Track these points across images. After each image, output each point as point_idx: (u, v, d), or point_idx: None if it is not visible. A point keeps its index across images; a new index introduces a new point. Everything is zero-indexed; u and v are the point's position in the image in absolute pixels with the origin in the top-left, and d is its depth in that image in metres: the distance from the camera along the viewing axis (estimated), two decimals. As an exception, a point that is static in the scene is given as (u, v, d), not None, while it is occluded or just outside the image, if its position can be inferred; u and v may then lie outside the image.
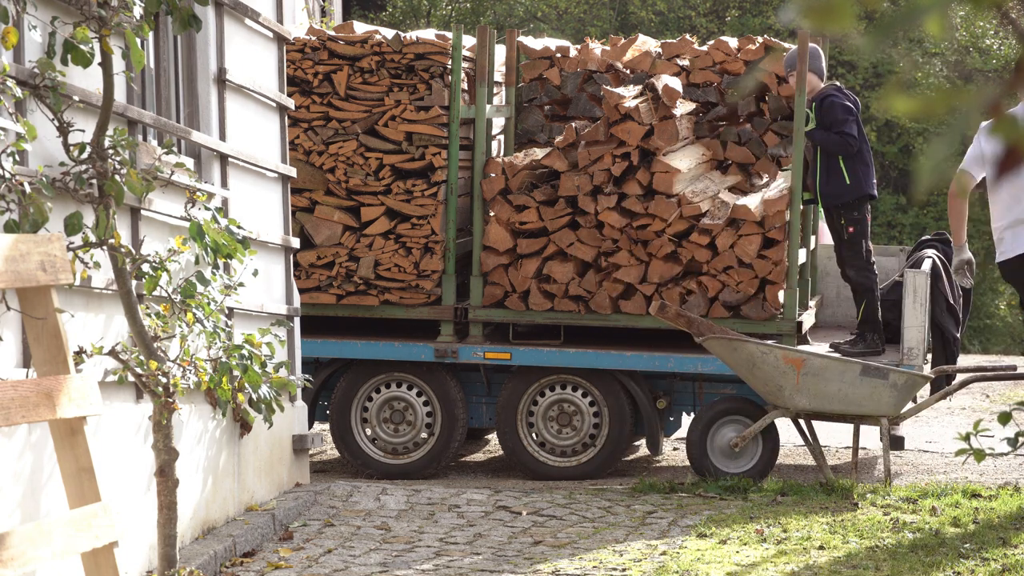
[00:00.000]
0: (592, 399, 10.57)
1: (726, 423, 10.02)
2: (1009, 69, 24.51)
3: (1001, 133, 2.33)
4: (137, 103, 7.29)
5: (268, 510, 8.42)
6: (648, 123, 10.26)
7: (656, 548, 7.91)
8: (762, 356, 9.57)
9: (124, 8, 6.51)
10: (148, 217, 7.28)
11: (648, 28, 25.90)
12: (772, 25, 25.46)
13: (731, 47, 11.35)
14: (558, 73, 11.46)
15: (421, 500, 8.97)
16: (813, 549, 7.88)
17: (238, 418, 8.30)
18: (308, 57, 10.48)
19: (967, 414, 13.33)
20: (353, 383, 10.64)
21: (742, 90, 11.08)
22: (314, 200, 10.55)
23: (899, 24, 2.35)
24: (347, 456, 10.68)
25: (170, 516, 6.80)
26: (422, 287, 10.53)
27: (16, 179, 5.98)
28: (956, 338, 10.52)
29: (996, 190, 9.39)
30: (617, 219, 10.29)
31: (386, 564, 7.65)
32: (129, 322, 6.73)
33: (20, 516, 6.07)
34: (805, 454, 11.28)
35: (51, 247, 5.79)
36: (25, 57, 6.27)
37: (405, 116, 10.46)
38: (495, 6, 27.99)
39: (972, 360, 16.23)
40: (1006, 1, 2.41)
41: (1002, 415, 5.57)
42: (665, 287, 10.33)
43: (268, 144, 9.08)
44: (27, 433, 6.17)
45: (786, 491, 9.27)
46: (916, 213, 26.21)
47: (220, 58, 8.29)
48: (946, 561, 7.68)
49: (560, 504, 8.96)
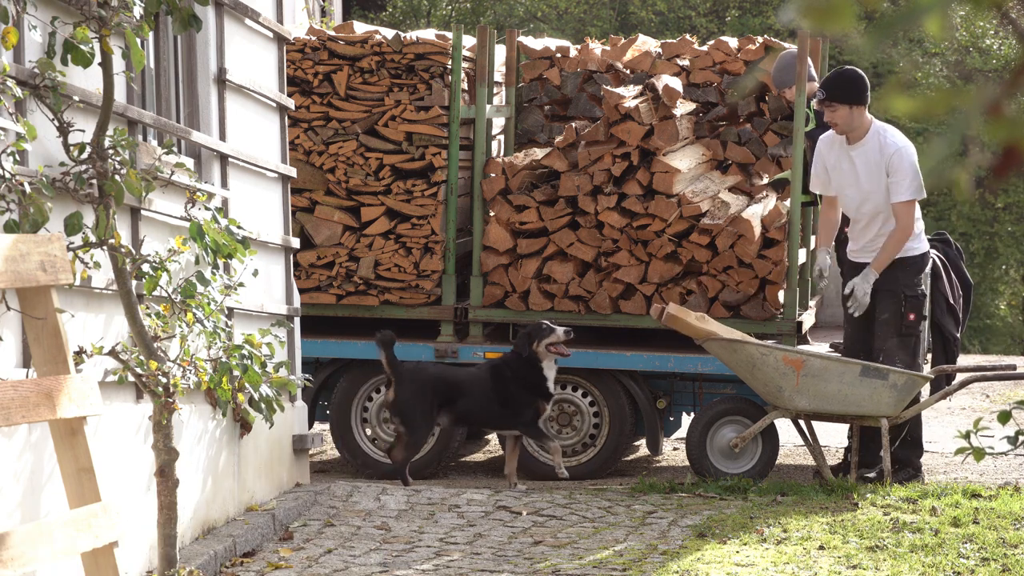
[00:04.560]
0: (592, 399, 10.57)
1: (726, 423, 10.02)
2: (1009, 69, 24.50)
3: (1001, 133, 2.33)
4: (137, 103, 7.29)
5: (268, 510, 8.42)
6: (648, 123, 10.26)
7: (656, 548, 7.91)
8: (762, 357, 9.57)
9: (124, 8, 6.51)
10: (148, 217, 7.28)
11: (648, 28, 25.90)
12: (772, 25, 25.46)
13: (731, 47, 11.36)
14: (558, 73, 11.47)
15: (421, 500, 8.97)
16: (813, 549, 7.88)
17: (238, 418, 8.30)
18: (308, 57, 10.49)
19: (967, 414, 13.34)
20: (353, 383, 10.64)
21: (742, 90, 11.09)
22: (314, 200, 10.55)
23: (899, 24, 2.36)
24: (347, 456, 10.68)
25: (170, 516, 6.80)
26: (422, 287, 10.54)
27: (16, 179, 5.98)
28: (956, 338, 10.52)
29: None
30: (617, 219, 10.29)
31: (386, 564, 7.65)
32: (129, 322, 6.73)
33: (20, 516, 6.07)
34: (805, 454, 11.28)
35: (51, 247, 5.79)
36: (25, 57, 6.27)
37: (405, 116, 10.46)
38: (495, 6, 27.99)
39: (972, 360, 16.24)
40: (1006, 1, 2.41)
41: (1002, 414, 5.56)
42: (665, 287, 10.34)
43: (268, 144, 9.08)
44: (27, 433, 6.17)
45: (786, 491, 9.27)
46: (916, 213, 26.18)
47: (220, 58, 8.29)
48: (946, 561, 7.68)
49: (560, 504, 8.96)
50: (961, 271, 10.70)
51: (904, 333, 9.71)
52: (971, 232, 26.16)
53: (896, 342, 9.70)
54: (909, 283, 9.75)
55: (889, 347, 9.68)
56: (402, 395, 9.71)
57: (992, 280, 26.79)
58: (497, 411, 9.77)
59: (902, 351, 9.68)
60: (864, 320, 9.82)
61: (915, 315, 9.71)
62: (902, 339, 9.71)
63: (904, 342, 9.71)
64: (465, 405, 9.77)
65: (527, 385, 9.74)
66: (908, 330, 9.71)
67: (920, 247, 9.85)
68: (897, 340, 9.71)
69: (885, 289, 9.72)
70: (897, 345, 9.69)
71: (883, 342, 9.73)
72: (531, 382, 9.74)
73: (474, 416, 9.86)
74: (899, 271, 9.74)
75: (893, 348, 9.67)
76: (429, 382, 9.73)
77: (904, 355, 9.67)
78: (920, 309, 9.76)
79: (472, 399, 9.76)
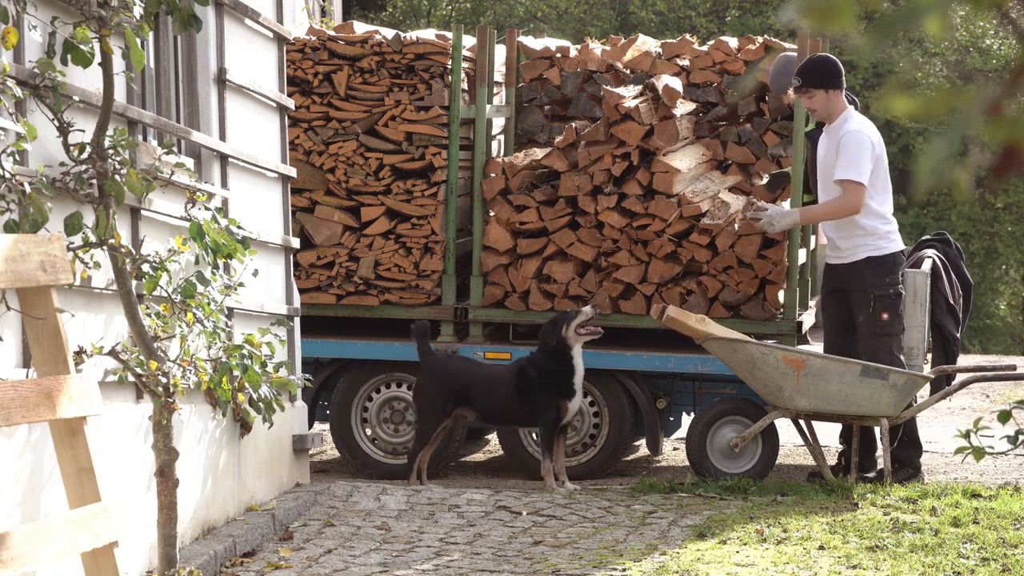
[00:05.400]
0: (592, 399, 10.57)
1: (726, 423, 10.02)
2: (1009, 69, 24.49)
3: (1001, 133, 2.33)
4: (137, 103, 7.29)
5: (268, 510, 8.42)
6: (648, 123, 10.26)
7: (656, 548, 7.91)
8: (762, 357, 9.57)
9: (124, 8, 6.51)
10: (148, 217, 7.29)
11: (648, 28, 25.90)
12: (772, 25, 25.46)
13: (731, 47, 11.35)
14: (558, 73, 11.46)
15: (421, 500, 8.97)
16: (813, 549, 7.88)
17: (238, 418, 8.30)
18: (308, 57, 10.49)
19: (967, 414, 13.34)
20: (353, 383, 10.64)
21: (742, 90, 11.09)
22: (314, 200, 10.55)
23: (899, 24, 2.36)
24: (347, 456, 10.68)
25: (170, 516, 6.80)
26: (422, 287, 10.54)
27: (16, 179, 5.98)
28: (956, 338, 10.52)
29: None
30: (617, 219, 10.29)
31: (386, 564, 7.65)
32: (129, 322, 6.74)
33: (20, 516, 6.07)
34: (805, 454, 11.29)
35: (51, 247, 5.79)
36: (25, 57, 6.27)
37: (405, 116, 10.46)
38: (495, 6, 27.99)
39: (972, 360, 16.24)
40: (1006, 1, 2.41)
41: (1002, 414, 5.57)
42: (665, 287, 10.34)
43: (268, 144, 9.09)
44: (27, 433, 6.17)
45: (786, 491, 9.27)
46: (916, 213, 26.22)
47: (220, 58, 8.30)
48: (946, 561, 7.68)
49: (560, 504, 8.96)
50: (961, 271, 10.70)
51: (879, 333, 9.72)
52: (971, 232, 26.17)
53: (874, 343, 9.73)
54: (880, 283, 9.75)
55: (868, 348, 9.71)
56: (419, 384, 9.86)
57: (992, 280, 26.80)
58: (518, 409, 9.80)
59: (881, 351, 9.69)
60: (838, 323, 9.89)
61: (889, 314, 9.72)
62: (879, 339, 9.72)
63: (881, 342, 9.72)
64: (486, 402, 9.81)
65: (554, 380, 9.73)
66: (883, 330, 9.72)
67: (889, 247, 9.84)
68: (874, 341, 9.73)
69: (856, 290, 9.75)
70: (875, 346, 9.71)
71: (864, 344, 9.76)
72: (559, 377, 9.73)
73: (496, 413, 9.90)
74: (868, 271, 9.75)
75: (872, 349, 9.70)
76: (449, 375, 9.79)
77: (884, 355, 9.67)
78: (894, 308, 9.76)
79: (494, 396, 9.80)
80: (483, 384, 9.83)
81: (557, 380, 9.75)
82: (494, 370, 9.97)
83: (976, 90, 2.38)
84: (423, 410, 9.85)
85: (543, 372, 9.76)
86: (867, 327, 9.73)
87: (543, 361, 9.79)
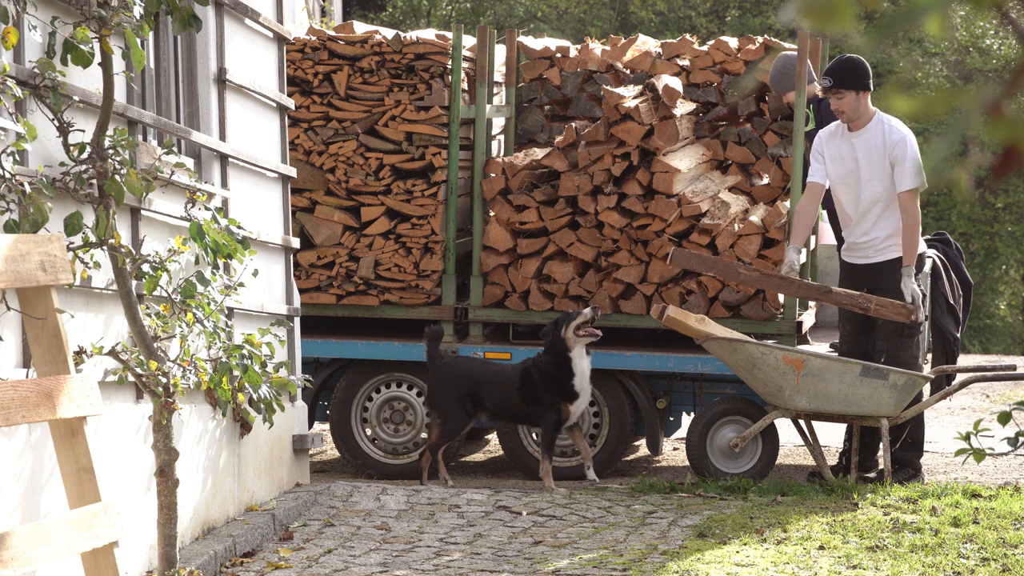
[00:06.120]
0: (592, 399, 10.56)
1: (726, 423, 10.03)
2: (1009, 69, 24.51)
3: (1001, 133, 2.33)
4: (137, 103, 7.29)
5: (268, 510, 8.42)
6: (648, 123, 10.26)
7: (656, 548, 7.91)
8: (762, 357, 9.57)
9: (124, 8, 6.51)
10: (148, 217, 7.29)
11: (648, 28, 25.90)
12: (772, 25, 25.46)
13: (731, 47, 11.35)
14: (558, 73, 11.46)
15: (421, 500, 8.97)
16: (813, 549, 7.88)
17: (238, 418, 8.30)
18: (308, 57, 10.49)
19: (967, 414, 13.34)
20: (353, 383, 10.65)
21: (742, 90, 11.09)
22: (314, 200, 10.55)
23: (899, 24, 2.36)
24: (347, 456, 10.69)
25: (170, 516, 6.80)
26: (422, 287, 10.54)
27: (16, 179, 5.98)
28: (956, 338, 10.53)
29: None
30: (617, 219, 10.29)
31: (386, 564, 7.65)
32: (129, 322, 6.74)
33: (20, 516, 6.07)
34: (805, 454, 11.29)
35: (51, 247, 5.79)
36: (25, 57, 6.27)
37: (405, 116, 10.46)
38: (495, 6, 27.99)
39: (972, 360, 16.24)
40: (1006, 1, 2.41)
41: (1002, 415, 5.57)
42: (665, 287, 10.34)
43: (268, 144, 9.09)
44: (27, 433, 6.17)
45: (786, 491, 9.27)
46: (916, 213, 26.17)
47: (220, 58, 8.30)
48: (946, 561, 7.68)
49: (560, 504, 8.96)
50: (961, 271, 10.70)
51: (907, 334, 9.73)
52: (971, 232, 26.16)
53: (900, 342, 9.73)
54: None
55: (892, 348, 9.71)
56: (435, 387, 9.90)
57: (992, 280, 26.79)
58: (523, 410, 9.86)
59: (905, 350, 9.71)
60: (862, 320, 9.84)
61: (915, 315, 9.74)
62: (905, 339, 9.73)
63: (907, 342, 9.74)
64: (495, 400, 9.86)
65: (555, 382, 9.75)
66: (909, 331, 9.73)
67: (920, 246, 9.87)
68: (900, 340, 9.73)
69: (885, 289, 9.73)
70: (901, 345, 9.72)
71: (886, 342, 9.75)
72: (559, 379, 9.75)
73: (504, 412, 9.95)
74: (898, 271, 9.75)
75: (897, 348, 9.70)
76: (460, 375, 9.82)
77: (908, 355, 9.70)
78: (920, 308, 9.78)
79: (502, 395, 9.84)
80: (492, 383, 9.89)
81: (558, 382, 9.76)
82: (502, 369, 10.02)
83: (976, 90, 2.38)
84: (446, 413, 9.88)
85: (544, 373, 9.78)
86: (892, 326, 9.71)
87: (544, 362, 9.82)
